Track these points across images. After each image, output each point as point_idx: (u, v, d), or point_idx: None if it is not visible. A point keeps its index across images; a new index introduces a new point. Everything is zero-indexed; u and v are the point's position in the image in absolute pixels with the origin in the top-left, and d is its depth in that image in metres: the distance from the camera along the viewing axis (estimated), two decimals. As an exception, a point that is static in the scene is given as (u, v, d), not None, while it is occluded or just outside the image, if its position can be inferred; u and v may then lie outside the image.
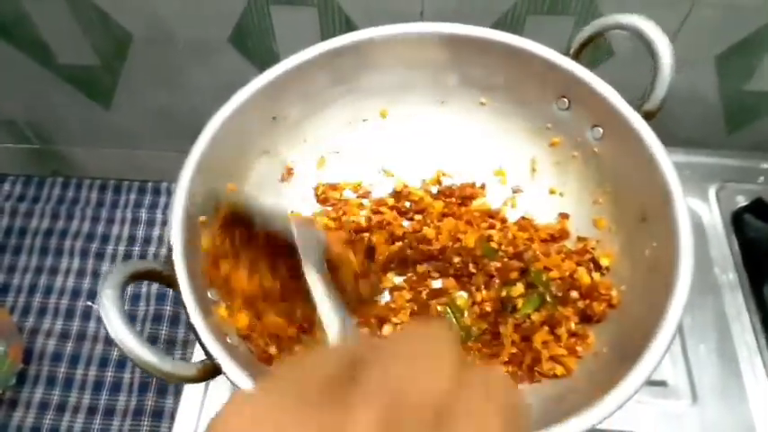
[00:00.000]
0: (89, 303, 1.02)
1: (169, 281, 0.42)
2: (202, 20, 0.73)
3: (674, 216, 0.45)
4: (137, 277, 0.41)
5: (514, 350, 0.50)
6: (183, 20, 0.74)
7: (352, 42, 0.54)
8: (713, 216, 0.67)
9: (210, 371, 0.39)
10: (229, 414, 0.18)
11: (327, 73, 0.55)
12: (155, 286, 1.02)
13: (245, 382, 0.38)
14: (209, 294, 0.45)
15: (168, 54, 0.79)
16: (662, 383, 0.58)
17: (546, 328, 0.51)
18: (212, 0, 0.70)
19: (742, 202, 0.68)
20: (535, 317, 0.51)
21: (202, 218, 0.47)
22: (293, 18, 0.69)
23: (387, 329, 0.52)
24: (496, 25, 0.68)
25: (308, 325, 0.48)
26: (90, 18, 0.76)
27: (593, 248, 0.54)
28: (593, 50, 0.53)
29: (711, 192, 0.69)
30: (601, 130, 0.53)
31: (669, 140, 0.48)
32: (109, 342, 0.94)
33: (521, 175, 0.60)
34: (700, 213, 0.68)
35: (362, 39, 0.54)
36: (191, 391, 0.58)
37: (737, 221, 0.67)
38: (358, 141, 0.60)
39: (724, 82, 0.72)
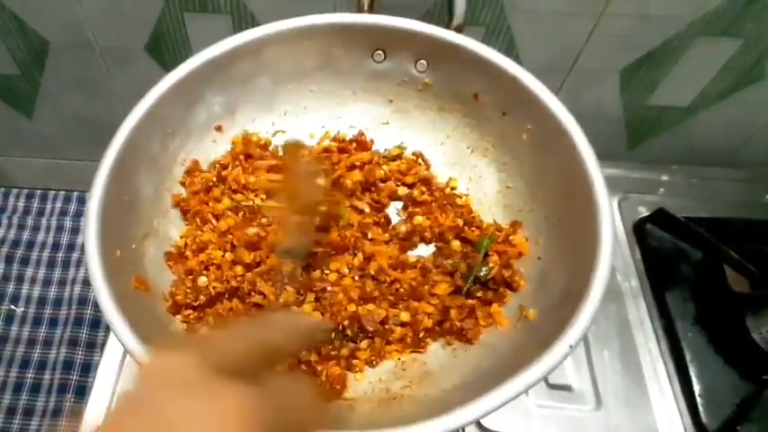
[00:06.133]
0: (12, 307, 0.99)
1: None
2: (119, 27, 0.70)
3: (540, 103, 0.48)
4: None
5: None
6: (99, 27, 0.71)
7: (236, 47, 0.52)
8: (616, 226, 0.67)
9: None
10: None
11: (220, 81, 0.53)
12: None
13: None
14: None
15: (87, 62, 0.75)
16: (566, 388, 0.58)
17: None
18: (127, 7, 0.67)
19: (643, 212, 0.69)
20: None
21: (118, 252, 0.43)
22: (207, 25, 0.67)
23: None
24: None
25: None
26: (6, 26, 0.72)
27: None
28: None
29: (614, 203, 0.69)
30: (424, 62, 0.55)
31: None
32: (30, 343, 0.96)
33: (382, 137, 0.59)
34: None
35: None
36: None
37: (639, 231, 0.67)
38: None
39: (627, 96, 0.73)
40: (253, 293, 0.49)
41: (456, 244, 0.52)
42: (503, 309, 0.49)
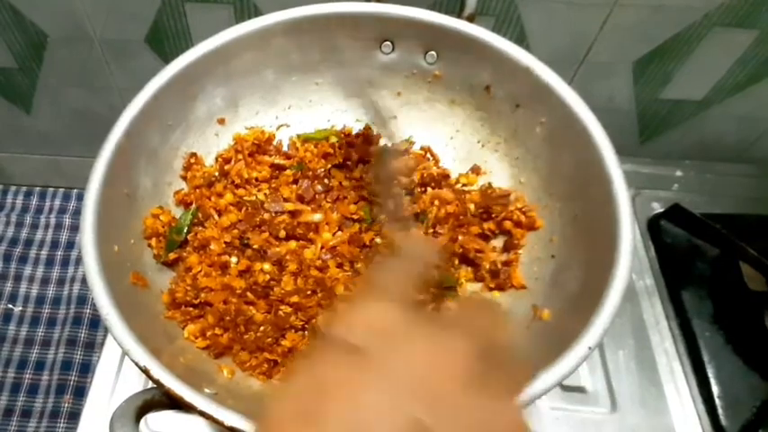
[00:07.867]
0: (10, 306, 0.98)
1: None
2: (118, 19, 0.68)
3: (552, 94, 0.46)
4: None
5: None
6: (98, 19, 0.69)
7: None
8: (631, 222, 0.65)
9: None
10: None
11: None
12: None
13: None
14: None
15: (86, 55, 0.74)
16: (581, 390, 0.56)
17: None
18: (127, -1, 0.65)
19: (657, 208, 0.67)
20: None
21: (116, 247, 0.42)
22: (208, 16, 0.65)
23: None
24: None
25: None
26: (3, 17, 0.70)
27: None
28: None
29: (627, 198, 0.67)
30: (434, 54, 0.53)
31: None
32: (28, 343, 0.94)
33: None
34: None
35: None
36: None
37: (654, 228, 0.65)
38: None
39: (640, 89, 0.71)
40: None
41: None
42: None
